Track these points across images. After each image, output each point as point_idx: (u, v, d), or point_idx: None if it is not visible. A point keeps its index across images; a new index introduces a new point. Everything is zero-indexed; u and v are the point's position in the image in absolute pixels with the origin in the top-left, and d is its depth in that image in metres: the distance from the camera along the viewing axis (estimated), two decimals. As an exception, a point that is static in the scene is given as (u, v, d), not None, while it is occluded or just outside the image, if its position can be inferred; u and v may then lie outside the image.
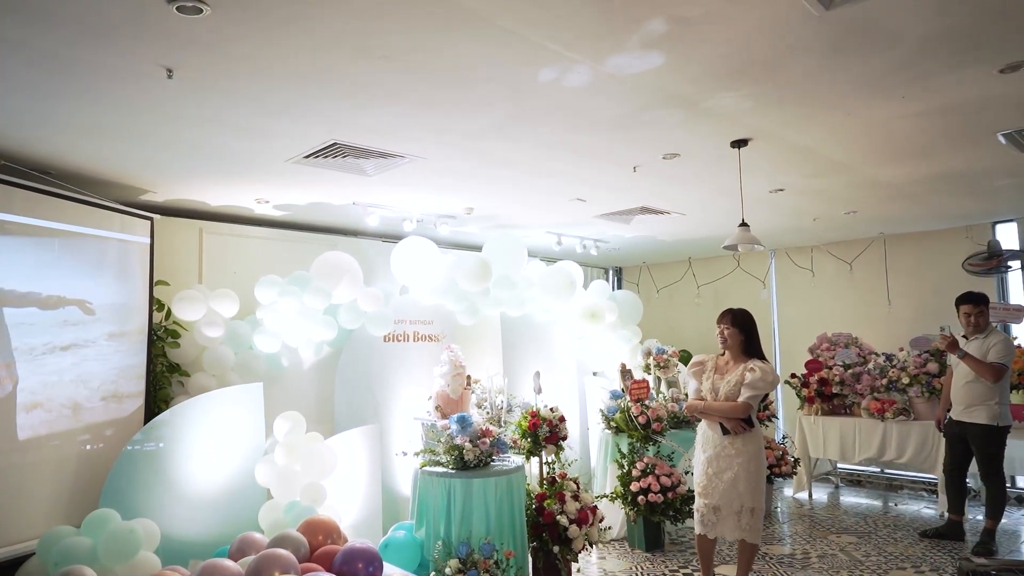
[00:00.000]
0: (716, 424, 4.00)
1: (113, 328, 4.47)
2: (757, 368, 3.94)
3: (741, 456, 3.93)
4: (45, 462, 4.01)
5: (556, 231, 6.91)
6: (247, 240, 5.81)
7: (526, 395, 5.74)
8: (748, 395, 3.90)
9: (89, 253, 4.33)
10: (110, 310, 4.45)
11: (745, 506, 3.92)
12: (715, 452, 4.00)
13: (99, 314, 4.37)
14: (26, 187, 3.94)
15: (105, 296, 4.41)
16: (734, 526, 3.94)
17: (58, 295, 4.11)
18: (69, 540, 3.57)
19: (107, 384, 4.40)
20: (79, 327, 4.23)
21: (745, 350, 4.08)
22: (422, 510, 4.36)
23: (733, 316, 4.13)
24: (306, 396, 5.23)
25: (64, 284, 4.14)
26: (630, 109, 3.53)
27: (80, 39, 2.61)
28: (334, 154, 4.15)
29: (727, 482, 3.93)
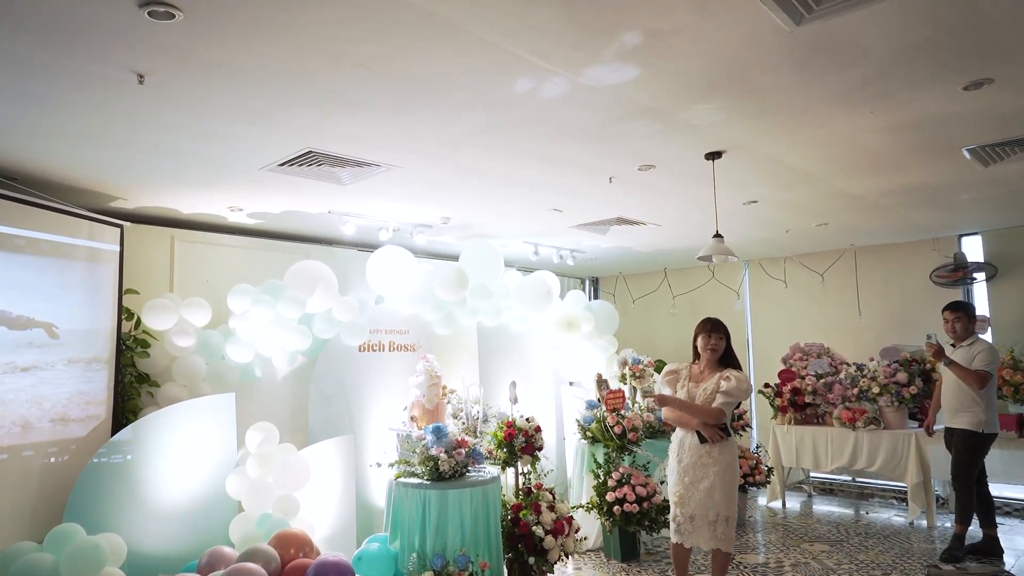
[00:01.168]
0: (692, 433, 4.01)
1: (75, 352, 4.37)
2: (732, 377, 3.99)
3: (717, 465, 3.95)
4: (5, 475, 3.89)
5: (533, 241, 6.93)
6: (220, 248, 5.74)
7: (502, 405, 5.72)
8: (723, 401, 3.94)
9: (56, 267, 4.23)
10: (74, 334, 4.35)
11: (720, 515, 3.94)
12: (691, 461, 4.02)
13: (63, 337, 4.27)
14: (-9, 193, 3.86)
15: (71, 317, 4.32)
16: (709, 535, 3.95)
17: (27, 316, 4.02)
18: (30, 556, 3.46)
19: (63, 403, 4.30)
20: (42, 349, 4.13)
21: (721, 359, 4.13)
22: (396, 522, 4.32)
23: (724, 328, 4.16)
24: (280, 406, 5.15)
25: (31, 303, 4.05)
26: (606, 120, 3.56)
27: (48, 43, 2.56)
28: (309, 162, 4.12)
29: (703, 491, 3.95)
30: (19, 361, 3.99)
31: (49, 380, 4.18)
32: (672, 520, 4.09)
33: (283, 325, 4.96)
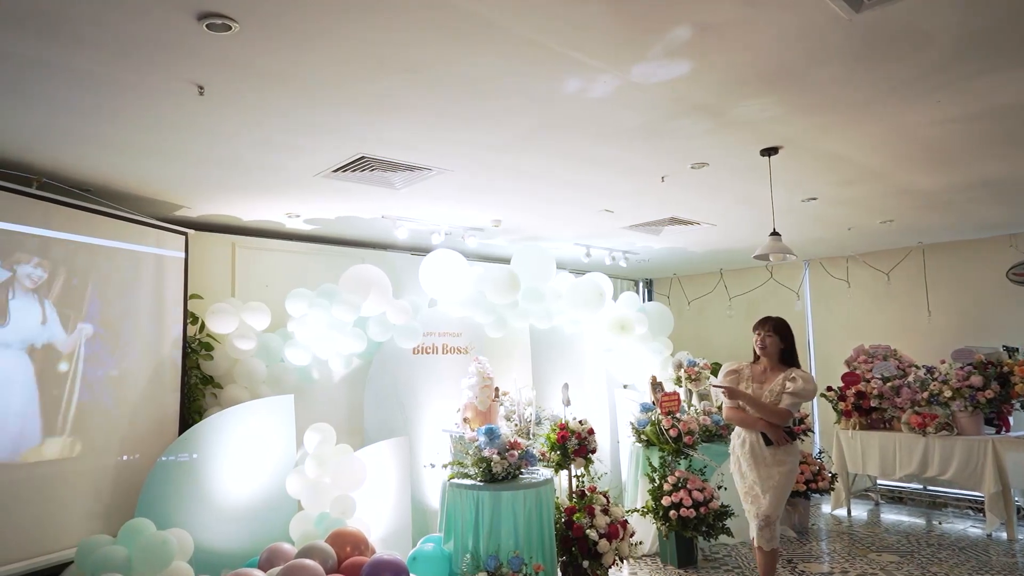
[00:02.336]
0: (756, 433, 3.95)
1: (147, 355, 4.57)
2: (799, 377, 3.91)
3: (784, 466, 3.90)
4: (83, 472, 4.10)
5: (584, 243, 6.88)
6: (278, 254, 5.91)
7: (555, 407, 5.70)
8: (789, 402, 3.87)
9: (127, 273, 4.44)
10: (145, 337, 4.56)
11: (778, 516, 3.90)
12: (754, 462, 3.99)
13: (136, 340, 4.47)
14: (65, 203, 4.08)
15: (142, 321, 4.52)
16: (770, 535, 3.92)
17: (105, 319, 4.23)
18: (105, 549, 3.64)
19: (136, 403, 4.50)
20: (118, 352, 4.34)
21: (783, 359, 4.03)
22: (450, 523, 4.34)
23: (774, 324, 4.10)
24: (336, 408, 5.27)
25: (106, 308, 4.26)
26: (656, 118, 3.51)
27: (115, 59, 2.69)
28: (362, 168, 4.20)
29: (770, 490, 3.91)
30: (100, 363, 4.21)
31: (123, 381, 4.38)
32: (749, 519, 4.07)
33: (339, 328, 5.07)
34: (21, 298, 3.80)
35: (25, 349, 3.82)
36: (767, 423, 3.89)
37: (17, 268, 3.76)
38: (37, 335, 3.89)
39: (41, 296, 3.90)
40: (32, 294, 3.86)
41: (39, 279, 3.87)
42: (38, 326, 3.89)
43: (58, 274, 4.00)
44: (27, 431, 3.81)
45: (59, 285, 4.00)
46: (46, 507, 3.89)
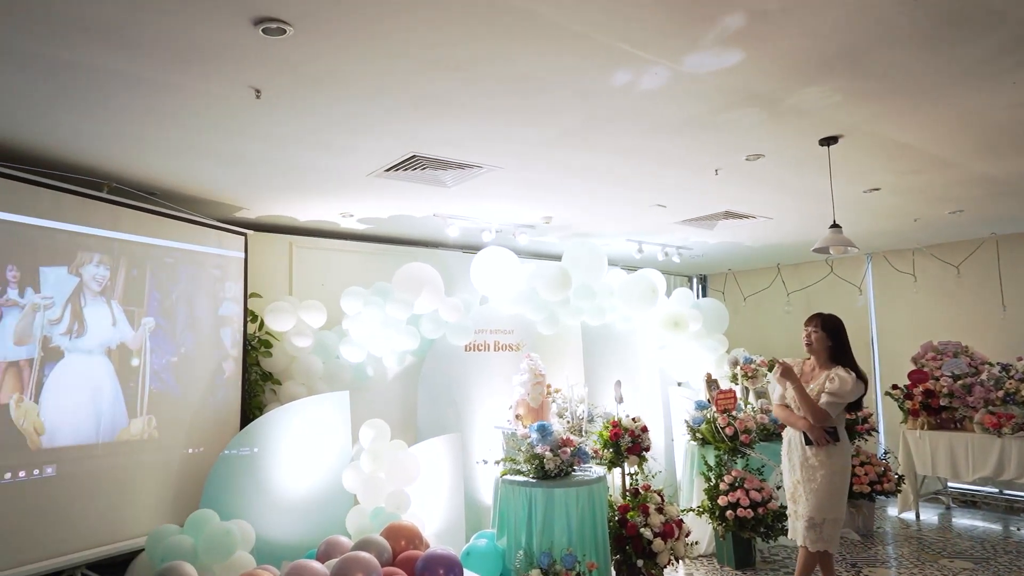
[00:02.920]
0: (800, 433, 3.86)
1: (211, 351, 4.74)
2: (837, 376, 3.80)
3: (824, 468, 3.80)
4: (154, 464, 4.28)
5: (636, 238, 6.80)
6: (333, 253, 6.04)
7: (607, 405, 5.65)
8: (827, 402, 3.78)
9: (191, 272, 4.61)
10: (209, 334, 4.73)
11: (828, 518, 3.79)
12: (798, 461, 3.91)
13: (201, 337, 4.64)
14: (133, 207, 4.26)
15: (205, 319, 4.69)
16: (816, 537, 3.81)
17: (173, 317, 4.42)
18: (173, 538, 3.79)
19: (200, 398, 4.67)
20: (185, 349, 4.52)
21: (832, 356, 3.91)
22: (503, 519, 4.36)
23: (822, 320, 3.98)
24: (390, 404, 5.35)
25: (173, 306, 4.44)
26: (709, 109, 3.43)
27: (176, 66, 2.79)
28: (413, 166, 4.24)
29: (811, 492, 3.82)
30: (170, 359, 4.40)
31: (188, 377, 4.55)
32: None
33: (392, 326, 5.15)
34: (92, 304, 3.99)
35: (104, 352, 4.03)
36: (807, 422, 3.79)
37: (83, 271, 3.95)
38: (111, 337, 4.09)
39: (108, 298, 4.09)
40: (100, 297, 4.05)
41: (103, 279, 4.06)
42: (110, 328, 4.09)
43: (122, 274, 4.19)
44: (116, 422, 4.09)
45: (122, 284, 4.19)
46: (122, 497, 4.08)
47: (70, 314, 3.88)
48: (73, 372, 3.88)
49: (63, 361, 3.82)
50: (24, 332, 3.65)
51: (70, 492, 3.81)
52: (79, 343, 3.92)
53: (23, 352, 3.64)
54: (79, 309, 3.93)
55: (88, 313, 3.97)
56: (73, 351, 3.88)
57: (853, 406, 3.93)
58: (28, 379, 3.66)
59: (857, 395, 3.81)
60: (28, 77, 2.86)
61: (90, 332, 3.98)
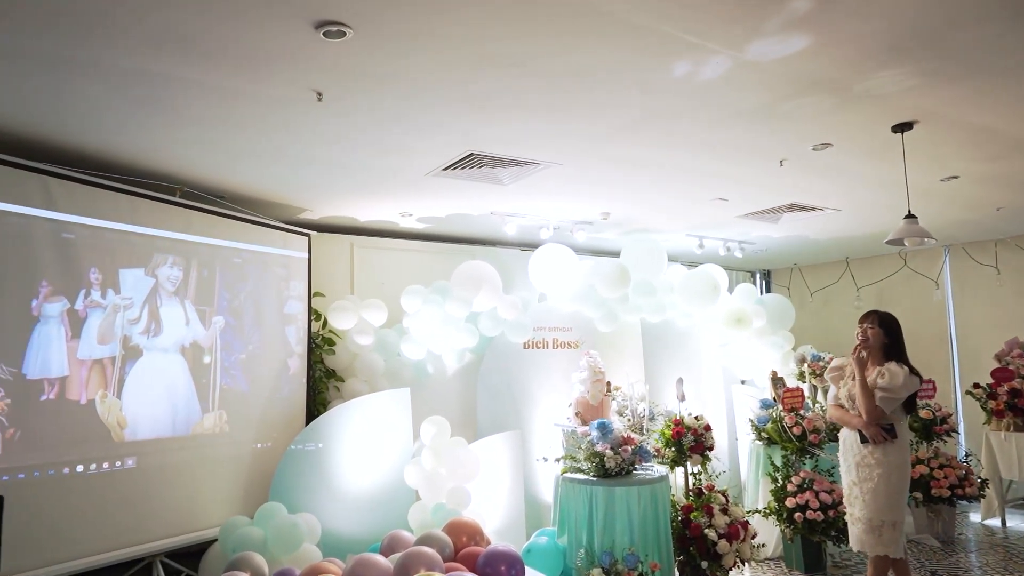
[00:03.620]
0: (855, 432, 3.71)
1: (277, 350, 4.89)
2: (887, 371, 3.64)
3: (881, 467, 3.65)
4: (225, 458, 4.44)
5: (697, 233, 6.66)
6: (393, 252, 6.14)
7: (668, 403, 5.56)
8: (880, 397, 3.64)
9: (257, 272, 4.76)
10: (275, 333, 4.88)
11: (886, 521, 3.63)
12: (855, 461, 3.77)
13: (268, 336, 4.80)
14: (204, 210, 4.43)
15: (271, 318, 4.84)
16: (875, 540, 3.66)
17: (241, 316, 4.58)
18: (244, 530, 3.93)
19: (268, 395, 4.82)
20: (252, 346, 4.67)
21: (886, 355, 3.74)
22: (564, 517, 4.34)
23: (879, 317, 3.84)
24: (450, 401, 5.40)
25: (242, 305, 4.60)
26: (773, 98, 3.32)
27: (242, 72, 2.88)
28: (470, 165, 4.26)
29: (868, 492, 3.67)
30: (239, 356, 4.56)
31: (256, 374, 4.71)
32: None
33: (451, 324, 5.19)
34: (167, 304, 4.18)
35: (178, 349, 4.22)
36: (861, 420, 3.65)
37: (158, 272, 4.13)
38: (184, 336, 4.28)
39: (181, 298, 4.27)
40: (174, 297, 4.23)
41: (176, 279, 4.23)
42: (183, 327, 4.27)
43: (194, 275, 4.36)
44: (191, 417, 4.27)
45: (194, 285, 4.36)
46: (196, 488, 4.25)
47: (147, 314, 4.06)
48: (151, 369, 4.06)
49: (142, 359, 4.01)
50: (107, 332, 3.84)
51: (149, 483, 4.00)
52: (156, 342, 4.10)
53: (106, 351, 3.83)
54: (155, 309, 4.11)
55: (164, 313, 4.15)
56: (151, 349, 4.07)
57: (907, 405, 3.74)
58: (111, 376, 3.85)
59: (910, 390, 3.65)
60: (108, 88, 3.01)
61: (166, 331, 4.16)
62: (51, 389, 3.56)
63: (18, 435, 3.41)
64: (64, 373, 3.62)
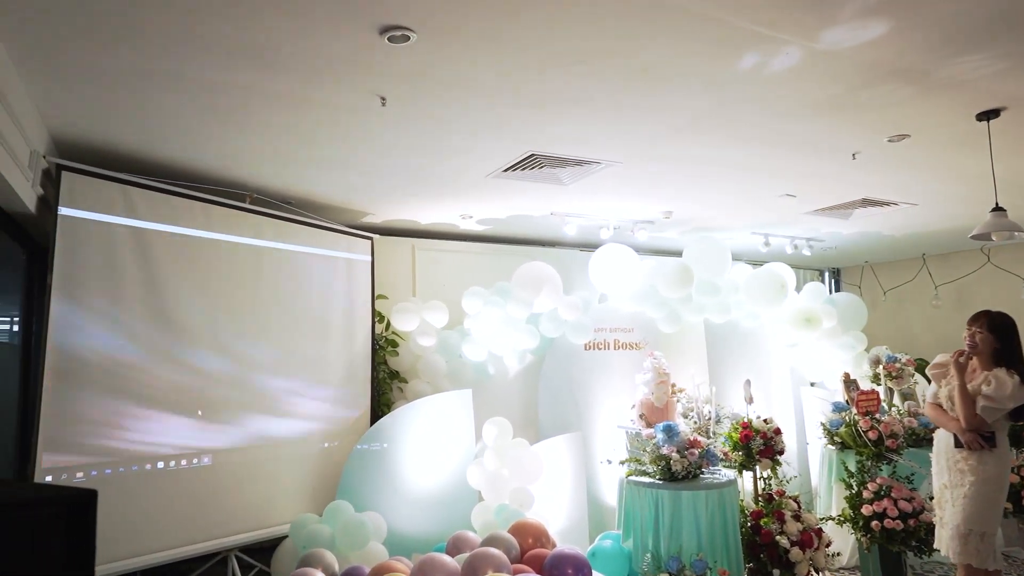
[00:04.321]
0: (951, 434, 3.51)
1: (343, 351, 4.99)
2: (995, 379, 3.41)
3: (975, 475, 3.45)
4: (295, 457, 4.56)
5: (763, 231, 6.47)
6: (454, 254, 6.19)
7: (734, 405, 5.41)
8: (983, 406, 3.42)
9: (324, 276, 4.88)
10: (341, 335, 4.98)
11: (974, 530, 3.43)
12: (947, 464, 3.59)
13: (334, 338, 4.91)
14: (271, 215, 4.56)
15: (337, 320, 4.95)
16: (961, 548, 3.47)
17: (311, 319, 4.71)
18: (313, 527, 4.02)
19: (334, 395, 4.92)
20: (320, 348, 4.79)
21: (996, 360, 3.50)
22: (629, 520, 4.27)
23: (991, 319, 3.55)
24: (511, 402, 5.40)
25: (309, 308, 4.72)
26: (847, 88, 3.19)
27: (308, 80, 2.95)
28: (531, 165, 4.25)
29: (958, 499, 3.48)
30: (308, 359, 4.68)
31: (325, 376, 4.82)
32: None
33: (512, 325, 5.19)
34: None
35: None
36: (959, 424, 3.46)
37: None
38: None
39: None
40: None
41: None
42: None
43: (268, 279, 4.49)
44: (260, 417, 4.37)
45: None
46: (268, 486, 4.38)
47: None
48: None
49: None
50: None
51: (224, 480, 4.13)
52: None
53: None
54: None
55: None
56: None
57: (1015, 414, 3.51)
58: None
59: (1018, 401, 3.40)
60: (183, 99, 3.13)
61: (237, 333, 4.30)
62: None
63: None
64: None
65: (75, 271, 3.51)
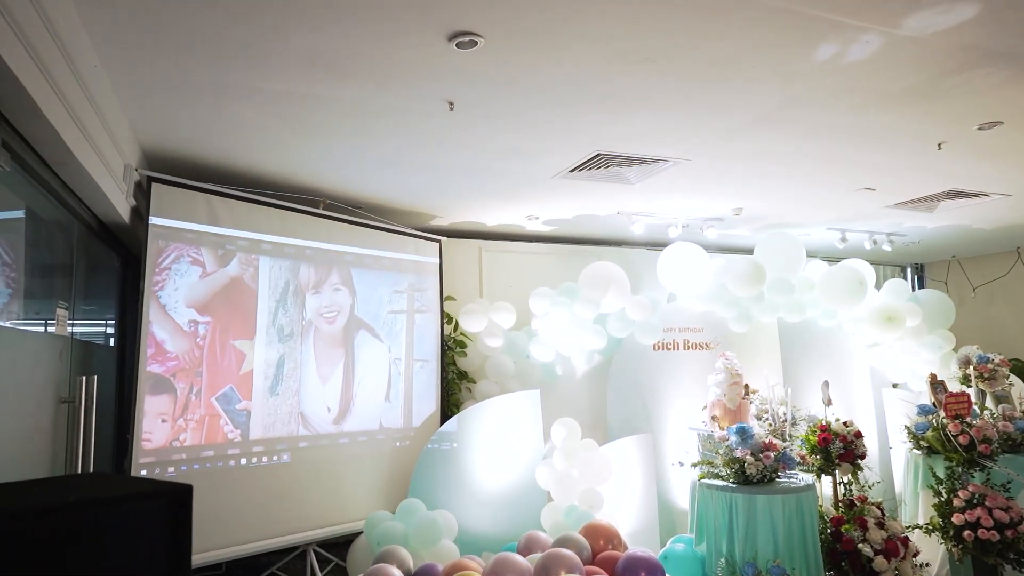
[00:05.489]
0: None
1: (413, 352, 5.09)
2: None
3: None
4: (367, 455, 4.68)
5: (839, 227, 6.23)
6: (520, 255, 6.21)
7: (811, 407, 5.22)
8: None
9: (393, 278, 4.99)
10: (410, 336, 5.08)
11: None
12: None
13: (404, 339, 5.01)
14: (343, 220, 4.69)
15: (407, 322, 5.05)
16: None
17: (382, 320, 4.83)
18: (386, 524, 4.11)
19: (405, 395, 5.02)
20: (392, 350, 4.90)
21: None
22: (701, 524, 4.19)
23: None
24: (579, 403, 5.37)
25: (378, 310, 4.84)
26: (932, 75, 3.04)
27: (378, 87, 3.02)
28: (597, 165, 4.23)
29: None
30: (380, 360, 4.79)
31: (396, 375, 4.93)
32: None
33: (580, 325, 5.18)
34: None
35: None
36: None
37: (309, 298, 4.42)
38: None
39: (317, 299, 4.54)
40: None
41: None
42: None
43: (334, 280, 4.62)
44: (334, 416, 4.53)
45: (334, 290, 4.62)
46: (342, 483, 4.51)
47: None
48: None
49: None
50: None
51: (302, 477, 4.28)
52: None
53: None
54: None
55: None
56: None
57: None
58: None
59: None
60: (260, 110, 3.26)
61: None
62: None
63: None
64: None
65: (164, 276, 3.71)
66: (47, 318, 3.04)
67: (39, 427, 2.73)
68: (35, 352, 2.76)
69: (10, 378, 2.41)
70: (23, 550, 1.16)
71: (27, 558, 1.16)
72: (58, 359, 2.94)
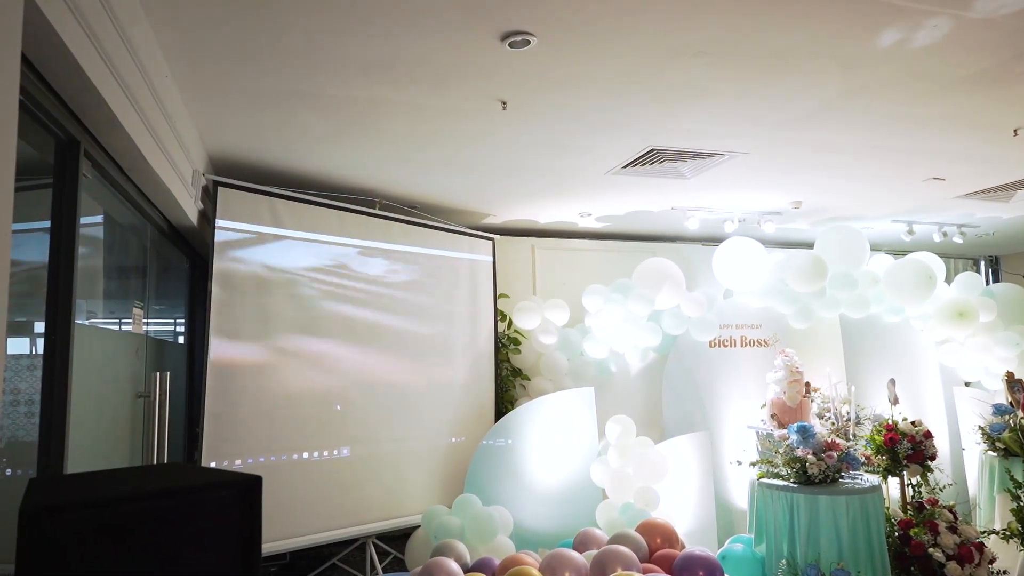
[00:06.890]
0: None
1: (468, 349, 5.15)
2: None
3: None
4: (424, 451, 4.76)
5: (905, 219, 6.00)
6: (573, 252, 6.21)
7: (876, 406, 5.05)
8: None
9: (448, 277, 5.06)
10: (465, 333, 5.15)
11: None
12: None
13: (459, 336, 5.08)
14: (399, 220, 4.78)
15: (462, 319, 5.12)
16: None
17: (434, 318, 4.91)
18: (443, 518, 4.18)
19: (461, 391, 5.08)
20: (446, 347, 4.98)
21: None
22: (761, 524, 4.11)
23: None
24: (634, 401, 5.34)
25: (434, 308, 4.92)
26: (1006, 58, 2.90)
27: (434, 89, 3.07)
28: (651, 160, 4.19)
29: None
30: (433, 357, 4.88)
31: (450, 373, 5.00)
32: None
33: (634, 322, 5.14)
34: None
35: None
36: None
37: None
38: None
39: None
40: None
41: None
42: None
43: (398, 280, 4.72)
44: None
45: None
46: (401, 477, 4.60)
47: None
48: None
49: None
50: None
51: (361, 471, 4.39)
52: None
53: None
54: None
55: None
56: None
57: None
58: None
59: None
60: (319, 115, 3.36)
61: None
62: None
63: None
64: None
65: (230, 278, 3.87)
66: (122, 317, 3.21)
67: (119, 420, 2.89)
68: (114, 350, 2.92)
69: (95, 375, 2.56)
70: (109, 534, 1.24)
71: (112, 542, 1.24)
72: (135, 356, 3.10)
